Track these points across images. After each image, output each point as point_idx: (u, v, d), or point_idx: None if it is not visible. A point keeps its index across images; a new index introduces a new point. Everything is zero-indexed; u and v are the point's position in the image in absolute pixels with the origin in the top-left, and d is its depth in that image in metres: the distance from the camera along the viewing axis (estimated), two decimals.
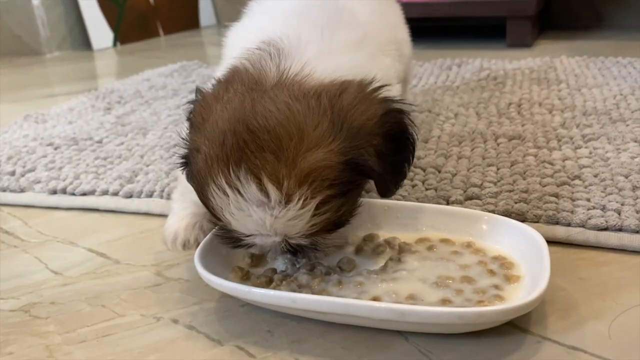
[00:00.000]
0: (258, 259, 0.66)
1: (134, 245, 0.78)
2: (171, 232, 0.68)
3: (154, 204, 0.87)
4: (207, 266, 0.61)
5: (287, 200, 0.53)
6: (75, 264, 0.75)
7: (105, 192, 0.92)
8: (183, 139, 0.62)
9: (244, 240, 0.58)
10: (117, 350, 0.58)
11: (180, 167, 0.63)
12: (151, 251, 0.76)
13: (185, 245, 0.68)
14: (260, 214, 0.54)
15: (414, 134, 0.61)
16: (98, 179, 0.96)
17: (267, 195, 0.53)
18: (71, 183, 0.95)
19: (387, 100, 0.60)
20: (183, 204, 0.70)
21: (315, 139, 0.54)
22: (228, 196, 0.54)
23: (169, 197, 0.85)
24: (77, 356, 0.57)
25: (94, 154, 1.08)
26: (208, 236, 0.66)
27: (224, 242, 0.61)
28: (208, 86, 0.64)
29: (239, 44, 0.68)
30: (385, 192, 0.61)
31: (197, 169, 0.57)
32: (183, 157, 0.61)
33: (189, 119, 0.63)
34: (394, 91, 0.69)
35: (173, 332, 0.60)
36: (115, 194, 0.91)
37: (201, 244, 0.64)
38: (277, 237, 0.56)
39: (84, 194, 0.92)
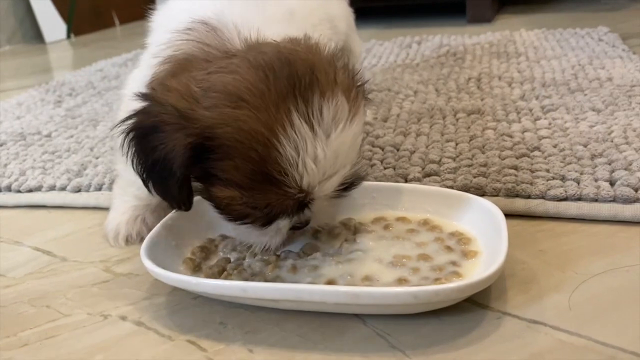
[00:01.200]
0: (209, 250, 0.63)
1: (82, 241, 0.75)
2: (112, 227, 0.65)
3: (103, 197, 0.83)
4: (155, 259, 0.57)
5: (355, 107, 0.53)
6: (19, 264, 0.71)
7: (52, 188, 0.87)
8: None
9: (294, 206, 0.54)
10: (61, 352, 0.54)
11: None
12: (100, 247, 0.72)
13: (128, 240, 0.65)
14: (342, 135, 0.52)
15: None
16: (45, 174, 0.92)
17: (342, 109, 0.52)
18: (17, 180, 0.91)
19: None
20: (124, 197, 0.67)
21: (333, 66, 0.55)
22: (309, 129, 0.50)
23: None
24: None
25: (42, 149, 1.03)
26: (156, 228, 0.62)
27: (257, 223, 0.56)
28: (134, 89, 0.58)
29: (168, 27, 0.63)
30: None
31: (238, 139, 0.50)
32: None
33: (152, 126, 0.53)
34: None
35: (121, 330, 0.57)
36: (63, 188, 0.87)
37: (148, 236, 0.61)
38: (346, 167, 0.54)
39: (30, 191, 0.88)
